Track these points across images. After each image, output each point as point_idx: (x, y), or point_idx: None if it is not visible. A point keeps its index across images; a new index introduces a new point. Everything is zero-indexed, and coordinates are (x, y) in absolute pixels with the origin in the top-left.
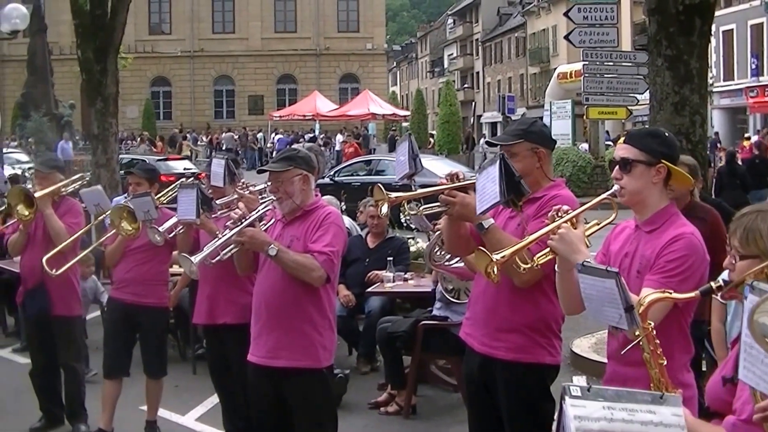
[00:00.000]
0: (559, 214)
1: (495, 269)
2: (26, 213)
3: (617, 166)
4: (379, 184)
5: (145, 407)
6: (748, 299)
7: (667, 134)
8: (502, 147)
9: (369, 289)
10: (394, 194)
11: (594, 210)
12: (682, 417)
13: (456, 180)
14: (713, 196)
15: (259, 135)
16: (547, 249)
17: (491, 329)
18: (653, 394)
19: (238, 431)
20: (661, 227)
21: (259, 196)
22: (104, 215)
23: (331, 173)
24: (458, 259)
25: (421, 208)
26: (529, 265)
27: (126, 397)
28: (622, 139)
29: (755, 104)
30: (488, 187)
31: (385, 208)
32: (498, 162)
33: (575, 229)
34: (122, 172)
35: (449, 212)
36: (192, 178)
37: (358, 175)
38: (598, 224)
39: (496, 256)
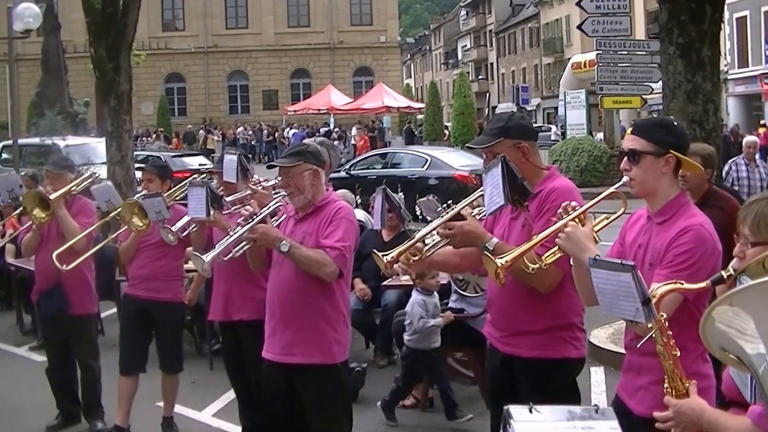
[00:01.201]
0: (567, 212)
1: (501, 273)
2: (42, 216)
3: (625, 158)
4: (374, 251)
5: (161, 403)
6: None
7: (675, 123)
8: (484, 149)
9: (384, 283)
10: (389, 255)
11: (609, 200)
12: (618, 429)
13: (446, 212)
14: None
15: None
16: (555, 248)
17: (511, 333)
18: (589, 409)
19: (254, 427)
20: (671, 218)
21: (272, 192)
22: (115, 212)
23: (347, 167)
24: None
25: (425, 251)
26: (537, 266)
27: (142, 394)
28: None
29: None
30: (493, 190)
31: (389, 269)
32: (500, 164)
33: (583, 225)
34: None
35: (451, 243)
36: (205, 175)
37: (373, 168)
38: (607, 218)
39: (499, 261)
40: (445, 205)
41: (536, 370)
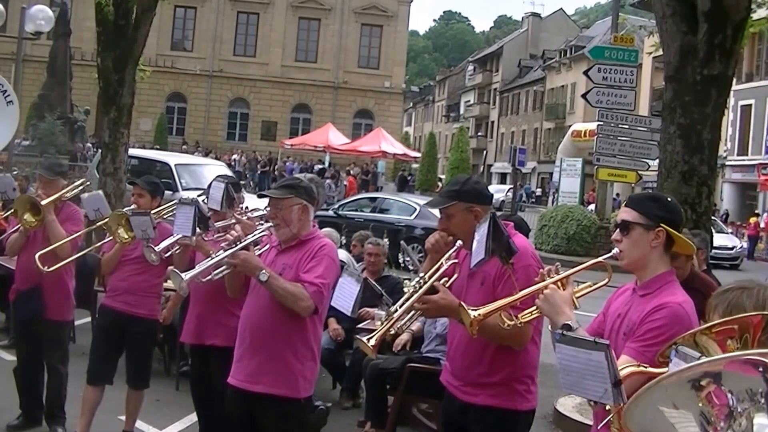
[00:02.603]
0: (550, 275)
1: (476, 324)
2: (32, 221)
3: (617, 229)
4: (362, 340)
5: (123, 417)
6: (672, 362)
7: (669, 199)
8: (440, 210)
9: (359, 326)
10: (371, 342)
11: (594, 271)
12: None
13: (421, 283)
14: None
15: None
16: (533, 308)
17: (468, 382)
18: None
19: None
20: (654, 293)
21: (258, 222)
22: (103, 221)
23: (336, 206)
24: None
25: (401, 324)
26: (513, 322)
27: (106, 405)
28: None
29: (767, 181)
30: (479, 244)
31: (373, 356)
32: (488, 221)
33: (564, 290)
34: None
35: (426, 315)
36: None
37: (362, 211)
38: (590, 287)
39: (473, 313)
40: (418, 279)
41: (490, 418)
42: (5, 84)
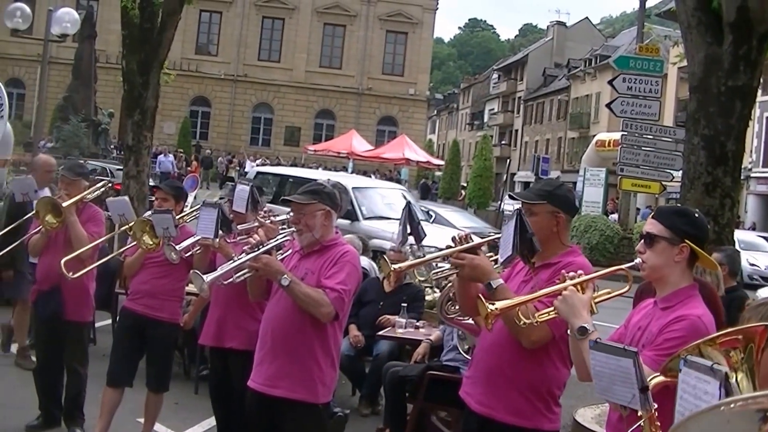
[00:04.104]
0: (569, 276)
1: (491, 318)
2: (53, 222)
3: (642, 240)
4: (385, 257)
5: (142, 420)
6: (682, 372)
7: (696, 215)
8: (524, 203)
9: (379, 333)
10: (398, 265)
11: (615, 281)
12: None
13: (464, 242)
14: None
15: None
16: (551, 308)
17: (491, 387)
18: None
19: None
20: (674, 306)
21: (280, 227)
22: (127, 226)
23: None
24: None
25: (431, 273)
26: (529, 321)
27: (125, 407)
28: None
29: None
30: (506, 241)
31: (393, 279)
32: (515, 217)
33: (583, 293)
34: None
35: (459, 274)
36: (221, 198)
37: None
38: (609, 293)
39: (491, 306)
40: (463, 235)
41: None
42: (3, 98)
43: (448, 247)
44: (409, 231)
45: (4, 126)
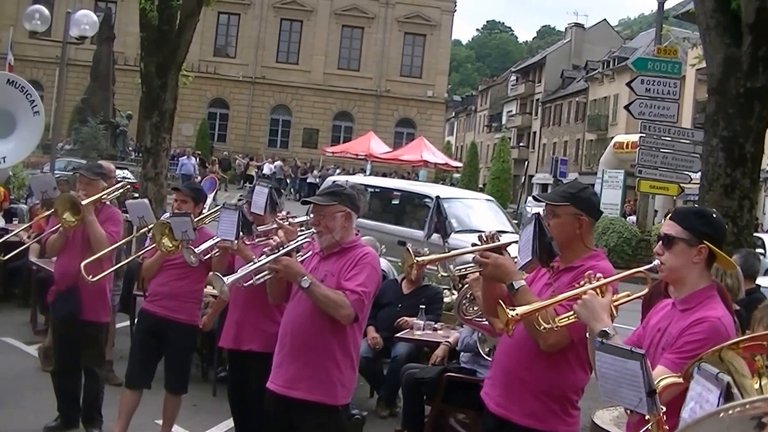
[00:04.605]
0: (590, 280)
1: (512, 324)
2: (72, 220)
3: (660, 242)
4: (409, 247)
5: (160, 421)
6: (694, 379)
7: (714, 215)
8: (547, 205)
9: (398, 335)
10: (422, 257)
11: (634, 283)
12: None
13: (490, 241)
14: None
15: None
16: (570, 313)
17: (508, 390)
18: None
19: None
20: (693, 308)
21: (299, 229)
22: (146, 228)
23: None
24: None
25: (454, 269)
26: (549, 326)
27: (143, 409)
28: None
29: None
30: (525, 245)
31: (415, 271)
32: (533, 222)
33: (603, 297)
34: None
35: (482, 273)
36: (240, 200)
37: None
38: (629, 296)
39: (512, 312)
40: (491, 233)
41: None
42: (34, 94)
43: (474, 245)
44: (436, 226)
45: (42, 121)
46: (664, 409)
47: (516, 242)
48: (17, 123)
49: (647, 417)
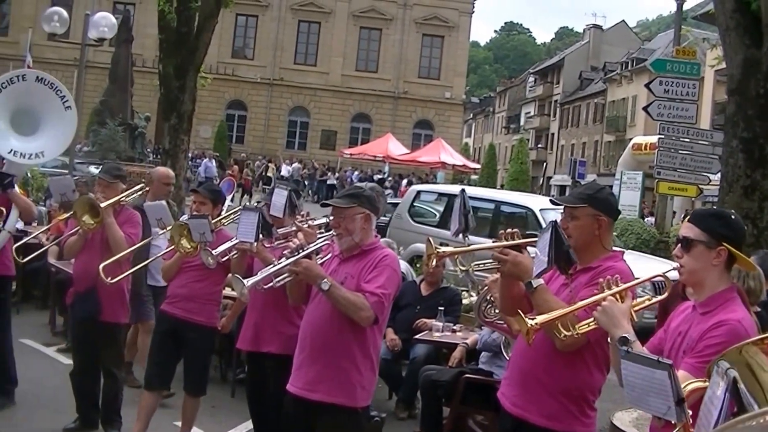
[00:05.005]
0: (609, 286)
1: (532, 333)
2: (91, 222)
3: (679, 245)
4: (430, 238)
5: (179, 423)
6: (712, 380)
7: (732, 216)
8: (565, 208)
9: (416, 336)
10: (443, 248)
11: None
12: None
13: (511, 238)
14: None
15: (354, 174)
16: (591, 319)
17: (525, 390)
18: None
19: None
20: (714, 311)
21: (318, 231)
22: (165, 230)
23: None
24: None
25: (473, 264)
26: (569, 333)
27: (162, 411)
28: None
29: None
30: (542, 253)
31: (434, 262)
32: (551, 229)
33: (622, 302)
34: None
35: (501, 269)
36: (260, 202)
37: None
38: (650, 299)
39: (530, 322)
40: (511, 231)
41: None
42: (63, 90)
43: (494, 241)
44: (460, 220)
45: (74, 116)
46: (690, 412)
47: (536, 241)
48: (45, 120)
49: (673, 422)
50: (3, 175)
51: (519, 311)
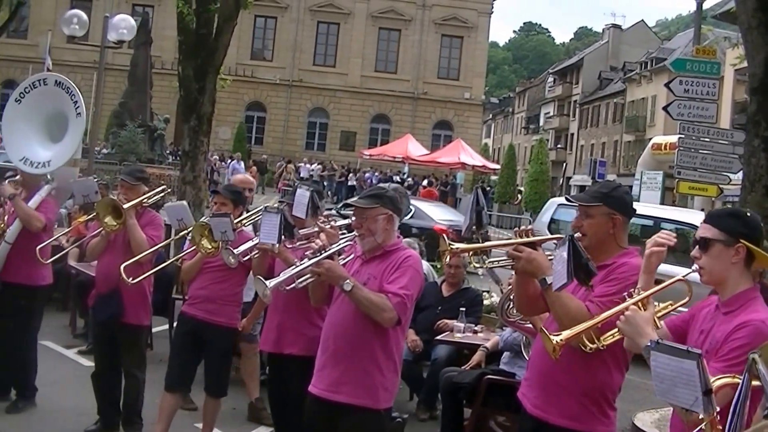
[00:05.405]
0: (631, 295)
1: (558, 349)
2: (113, 224)
3: (697, 246)
4: (444, 235)
5: (200, 425)
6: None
7: (748, 214)
8: (580, 206)
9: (438, 337)
10: (457, 245)
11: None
12: None
13: (526, 236)
14: None
15: (374, 175)
16: (615, 330)
17: (545, 392)
18: None
19: None
20: (736, 310)
21: (340, 232)
22: (186, 231)
23: (339, 206)
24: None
25: (487, 261)
26: (595, 345)
27: (183, 412)
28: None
29: None
30: (560, 267)
31: (448, 258)
32: (567, 243)
33: (645, 310)
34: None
35: (515, 266)
36: (282, 203)
37: None
38: (672, 305)
39: (555, 339)
40: (525, 228)
41: None
42: (77, 95)
43: (509, 239)
44: (472, 216)
45: (82, 123)
46: (718, 409)
47: (552, 239)
48: (69, 125)
49: (701, 416)
50: None
51: (543, 328)
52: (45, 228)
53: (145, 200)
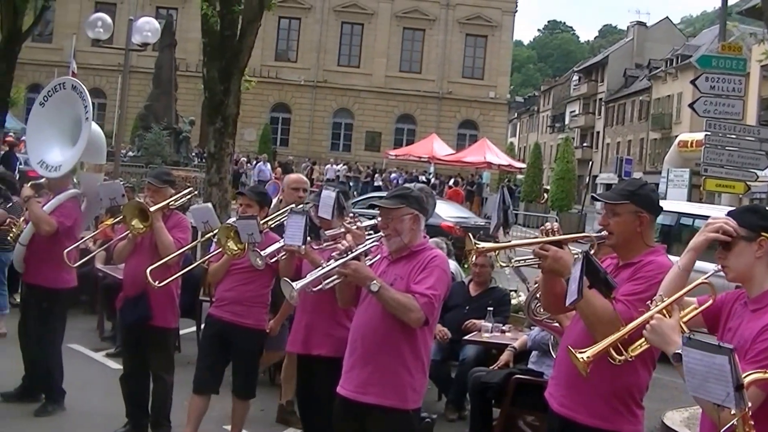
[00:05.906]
0: (655, 303)
1: (587, 367)
2: (140, 227)
3: (720, 246)
4: (470, 234)
5: (228, 427)
6: None
7: (767, 207)
8: (606, 204)
9: (466, 337)
10: (483, 244)
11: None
12: None
13: (551, 234)
14: None
15: (399, 176)
16: (642, 340)
17: (572, 391)
18: None
19: None
20: (764, 308)
21: (367, 232)
22: (212, 233)
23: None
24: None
25: (513, 260)
26: (623, 357)
27: (211, 415)
28: None
29: None
30: (573, 286)
31: (474, 258)
32: (581, 262)
33: (670, 317)
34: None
35: (541, 265)
36: (308, 204)
37: (374, 209)
38: (697, 308)
39: (582, 356)
40: (552, 227)
41: None
42: (88, 101)
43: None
44: (499, 215)
45: (89, 128)
46: (750, 404)
47: (578, 238)
48: (81, 130)
49: (733, 412)
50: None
51: (569, 347)
52: (58, 231)
53: (171, 203)
